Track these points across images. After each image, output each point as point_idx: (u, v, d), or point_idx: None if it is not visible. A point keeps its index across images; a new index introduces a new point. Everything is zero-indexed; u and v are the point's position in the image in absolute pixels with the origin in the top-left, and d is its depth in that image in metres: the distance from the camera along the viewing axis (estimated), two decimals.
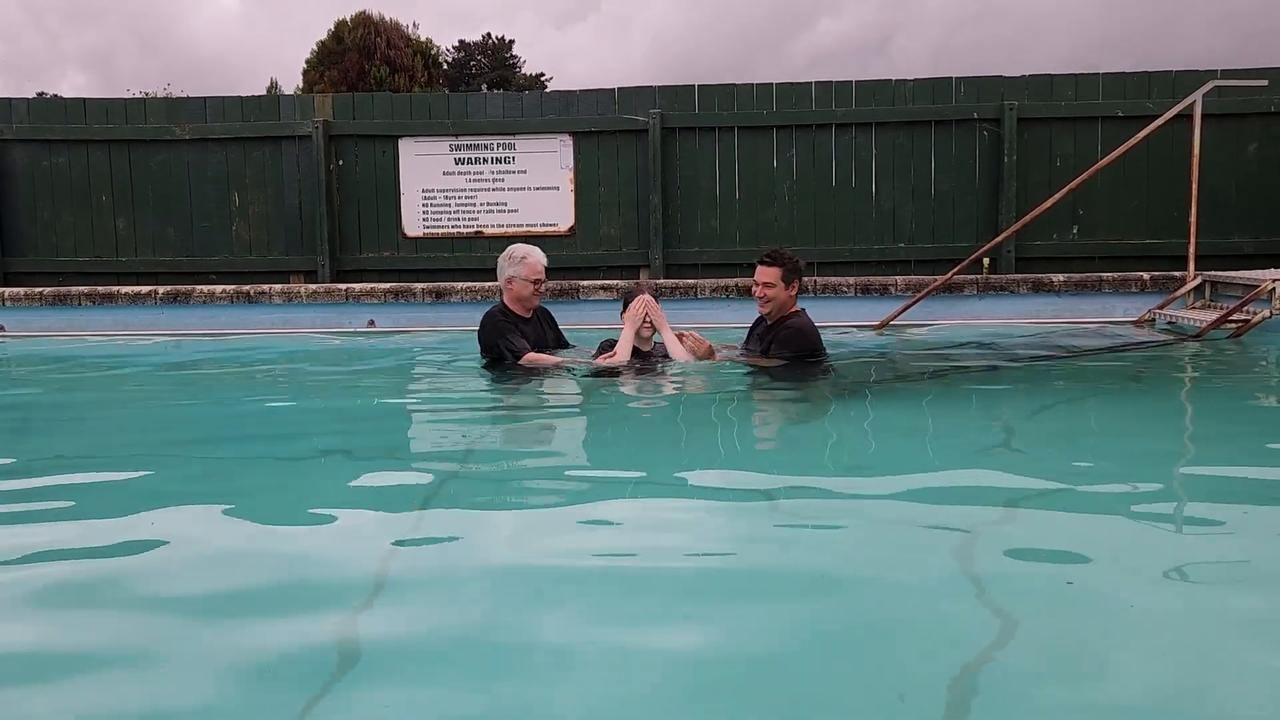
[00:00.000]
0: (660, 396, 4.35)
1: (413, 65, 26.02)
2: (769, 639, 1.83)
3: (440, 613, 1.96)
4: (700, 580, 2.12)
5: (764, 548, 2.34)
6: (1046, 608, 1.95)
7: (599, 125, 8.66)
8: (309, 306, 7.91)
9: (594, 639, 1.83)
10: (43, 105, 9.17)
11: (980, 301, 7.72)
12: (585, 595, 2.05)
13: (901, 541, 2.37)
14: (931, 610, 1.94)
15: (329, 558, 2.29)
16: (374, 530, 2.48)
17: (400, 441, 3.64)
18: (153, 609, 2.01)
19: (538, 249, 5.07)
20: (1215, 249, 8.08)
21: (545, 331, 5.21)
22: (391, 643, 1.82)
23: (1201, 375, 5.20)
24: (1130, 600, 1.95)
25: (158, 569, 2.23)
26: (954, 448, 3.39)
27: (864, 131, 8.56)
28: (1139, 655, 1.75)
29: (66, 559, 2.30)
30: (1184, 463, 3.26)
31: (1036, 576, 2.11)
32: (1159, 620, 1.89)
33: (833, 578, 2.13)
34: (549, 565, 2.21)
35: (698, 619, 1.90)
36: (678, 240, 8.70)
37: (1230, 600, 1.98)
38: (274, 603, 2.02)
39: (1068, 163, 8.32)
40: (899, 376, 5.07)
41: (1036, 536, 2.40)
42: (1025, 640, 1.80)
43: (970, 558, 2.22)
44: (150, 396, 4.99)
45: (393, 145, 8.74)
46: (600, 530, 2.48)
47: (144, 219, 8.83)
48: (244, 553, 2.33)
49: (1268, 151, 8.32)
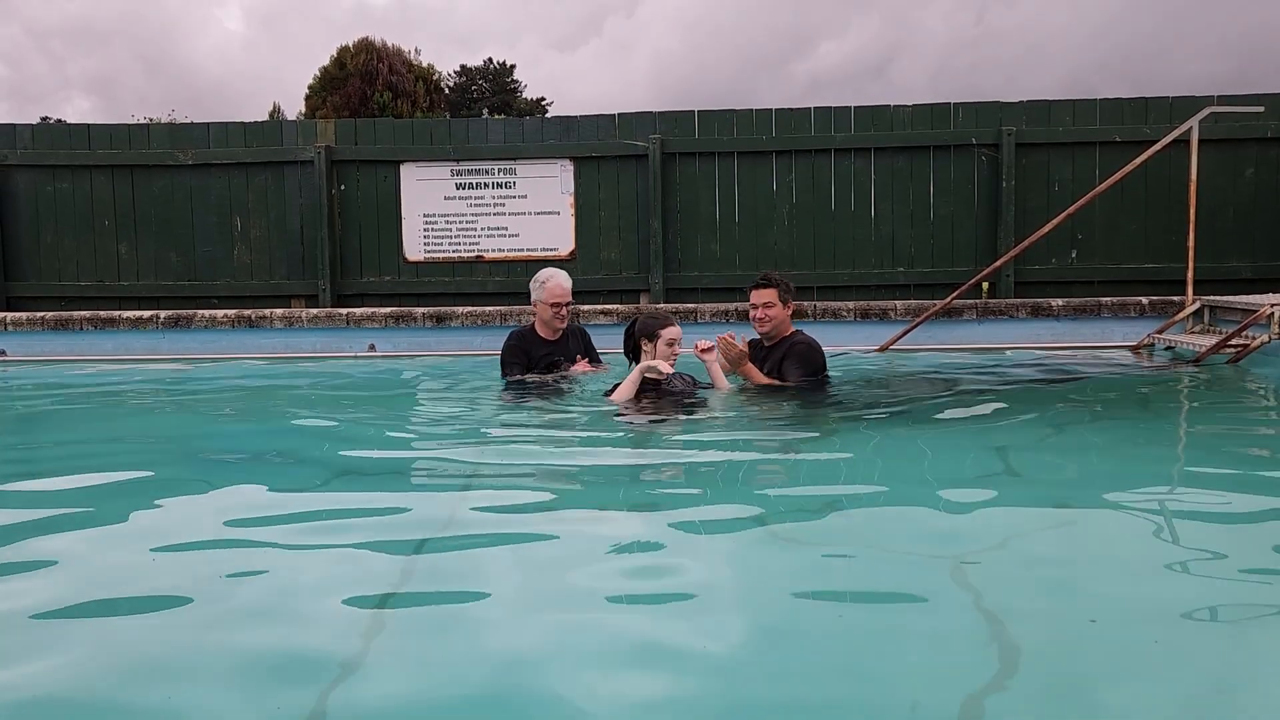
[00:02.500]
0: (667, 425, 4.34)
1: (415, 90, 26.16)
2: (779, 672, 1.82)
3: (432, 661, 1.96)
4: (702, 611, 2.11)
5: (768, 579, 2.34)
6: (1049, 633, 1.95)
7: (599, 150, 8.71)
8: (310, 331, 7.93)
9: (589, 654, 1.83)
10: (46, 131, 9.23)
11: (980, 326, 7.74)
12: (583, 622, 2.04)
13: (904, 568, 2.36)
14: (935, 636, 1.94)
15: (323, 590, 2.28)
16: (367, 566, 2.47)
17: (398, 470, 3.64)
18: (140, 631, 2.01)
19: (562, 273, 5.36)
20: (1213, 273, 8.10)
21: (575, 350, 5.41)
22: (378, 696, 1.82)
23: (1200, 400, 5.20)
24: (1133, 624, 1.95)
25: (147, 589, 2.23)
26: (955, 473, 3.40)
27: (863, 156, 8.61)
28: (1144, 682, 1.75)
29: (37, 588, 2.29)
30: (1181, 489, 3.26)
31: (1038, 600, 2.11)
32: (1164, 647, 1.88)
33: (837, 605, 2.13)
34: (548, 610, 2.21)
35: (699, 654, 1.90)
36: (678, 264, 8.72)
37: (1240, 626, 1.98)
38: (262, 635, 2.02)
39: (1066, 187, 8.35)
40: (901, 401, 5.07)
41: (1037, 561, 2.40)
42: (1030, 669, 1.80)
43: (971, 582, 2.22)
44: (146, 421, 4.99)
45: (394, 170, 8.79)
46: (595, 560, 2.48)
47: (146, 244, 8.87)
48: (233, 581, 2.33)
49: (1265, 176, 8.37)
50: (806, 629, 2.02)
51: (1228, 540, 2.55)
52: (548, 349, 5.30)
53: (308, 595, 2.23)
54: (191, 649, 1.94)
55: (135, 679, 1.82)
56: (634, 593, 2.22)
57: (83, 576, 2.38)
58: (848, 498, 3.04)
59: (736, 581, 2.30)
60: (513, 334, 5.41)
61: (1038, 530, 2.68)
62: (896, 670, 1.82)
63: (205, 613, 2.13)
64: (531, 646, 1.93)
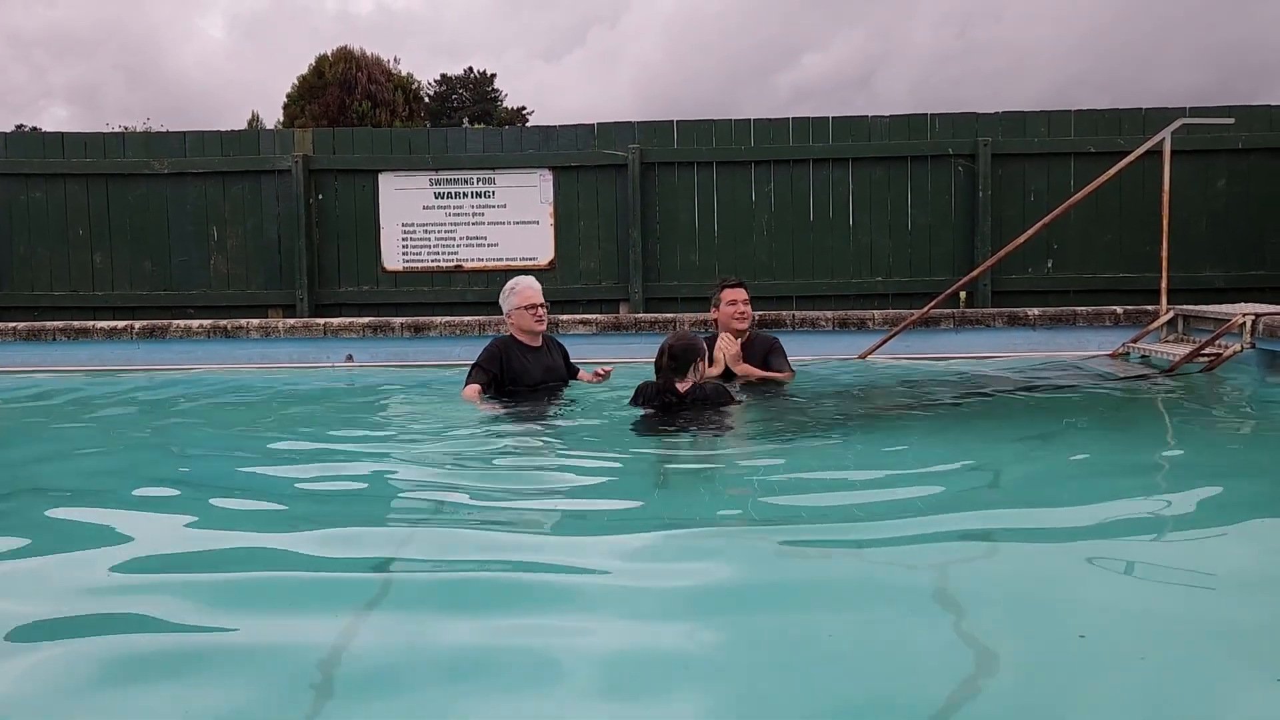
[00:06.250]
0: (656, 428, 4.33)
1: (394, 100, 26.12)
2: (754, 681, 1.82)
3: (407, 674, 1.94)
4: (682, 620, 2.11)
5: (745, 588, 2.33)
6: (1027, 643, 1.95)
7: (579, 160, 8.72)
8: (287, 341, 7.87)
9: (577, 660, 1.82)
10: (20, 139, 9.14)
11: (957, 335, 7.78)
12: (566, 624, 2.03)
13: (880, 577, 2.37)
14: (915, 650, 1.94)
15: (296, 604, 2.26)
16: (339, 580, 2.45)
17: (373, 482, 3.61)
18: (112, 649, 1.98)
19: (528, 276, 5.35)
20: (1187, 283, 8.18)
21: (557, 360, 5.34)
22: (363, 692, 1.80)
23: (1174, 410, 5.24)
24: (1121, 637, 1.96)
25: (122, 606, 2.20)
26: (933, 482, 3.40)
27: (841, 166, 8.66)
28: (1117, 689, 1.75)
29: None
30: (1154, 498, 3.29)
31: (1015, 609, 2.12)
32: (1130, 650, 1.89)
33: (814, 614, 2.12)
34: (523, 619, 2.19)
35: (682, 664, 1.89)
36: (657, 274, 8.74)
37: (1213, 632, 1.99)
38: (238, 650, 1.99)
39: (1041, 198, 8.43)
40: (879, 411, 5.09)
41: (1016, 574, 2.40)
42: (1013, 682, 1.80)
43: (948, 593, 2.23)
44: (116, 434, 4.93)
45: (373, 180, 8.76)
46: (576, 568, 2.47)
47: (121, 253, 8.79)
48: (205, 593, 2.30)
49: (1236, 187, 8.47)
50: (776, 640, 2.01)
51: (1202, 549, 2.57)
52: (531, 357, 5.16)
53: (280, 607, 2.20)
54: (143, 678, 1.91)
55: (87, 695, 1.79)
56: (608, 598, 2.21)
57: (28, 595, 2.34)
58: (824, 508, 3.04)
59: (716, 590, 2.29)
60: (495, 341, 5.26)
61: (1012, 541, 2.69)
62: (875, 685, 1.82)
63: (161, 631, 2.10)
64: (512, 646, 1.92)
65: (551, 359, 5.30)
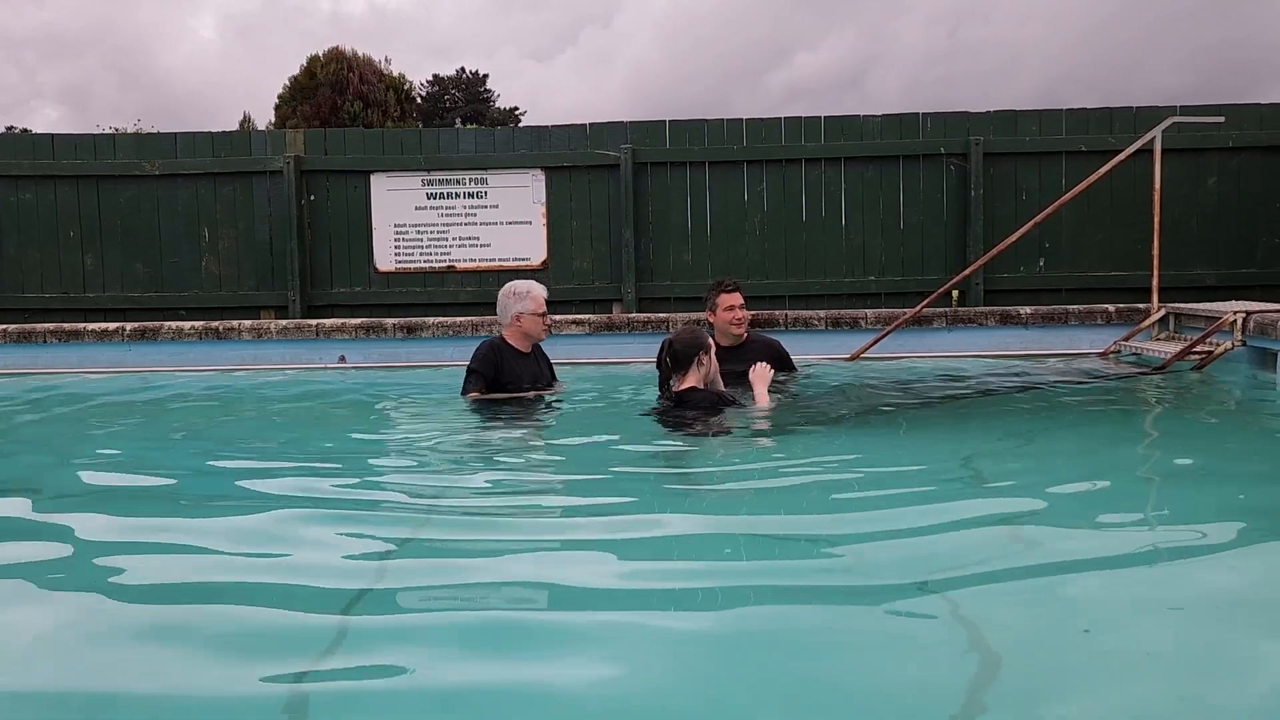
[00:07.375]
0: (648, 433, 4.33)
1: (385, 100, 26.09)
2: (747, 681, 1.82)
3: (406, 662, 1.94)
4: (681, 620, 2.11)
5: (741, 589, 2.33)
6: (1031, 638, 1.95)
7: (571, 160, 8.71)
8: (279, 343, 7.85)
9: (574, 661, 1.82)
10: (10, 141, 9.11)
11: (949, 334, 7.79)
12: (562, 625, 2.03)
13: (877, 575, 2.37)
14: (916, 647, 1.94)
15: (288, 605, 2.25)
16: (335, 579, 2.44)
17: (367, 484, 3.60)
18: (102, 649, 1.98)
19: (536, 282, 5.18)
20: (1178, 281, 8.21)
21: (543, 370, 5.25)
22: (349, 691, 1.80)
23: (1166, 407, 5.26)
24: (1123, 633, 1.96)
25: (112, 610, 2.19)
26: (926, 481, 3.41)
27: (833, 166, 8.67)
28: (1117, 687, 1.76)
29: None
30: (1148, 493, 3.30)
31: (1016, 604, 2.12)
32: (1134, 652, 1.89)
33: (814, 614, 2.12)
34: (520, 617, 2.19)
35: (672, 658, 1.89)
36: (650, 274, 8.73)
37: (1213, 631, 1.99)
38: (229, 651, 1.99)
39: (1033, 197, 8.45)
40: (871, 410, 5.10)
41: (1014, 570, 2.41)
42: (1014, 679, 1.80)
43: (948, 592, 2.23)
44: (106, 437, 4.91)
45: (364, 180, 8.74)
46: (568, 574, 2.47)
47: (112, 255, 8.76)
48: (198, 596, 2.29)
49: (1226, 186, 8.50)
50: (771, 639, 2.01)
51: (1197, 545, 2.58)
52: (521, 364, 5.04)
53: (269, 609, 2.20)
54: (133, 680, 1.90)
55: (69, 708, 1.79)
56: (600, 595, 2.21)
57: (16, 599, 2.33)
58: (820, 507, 3.04)
59: (714, 590, 2.29)
60: (486, 344, 5.05)
61: (1008, 539, 2.69)
62: (875, 683, 1.82)
63: (152, 635, 2.09)
64: (509, 649, 1.91)
65: (539, 368, 5.19)
